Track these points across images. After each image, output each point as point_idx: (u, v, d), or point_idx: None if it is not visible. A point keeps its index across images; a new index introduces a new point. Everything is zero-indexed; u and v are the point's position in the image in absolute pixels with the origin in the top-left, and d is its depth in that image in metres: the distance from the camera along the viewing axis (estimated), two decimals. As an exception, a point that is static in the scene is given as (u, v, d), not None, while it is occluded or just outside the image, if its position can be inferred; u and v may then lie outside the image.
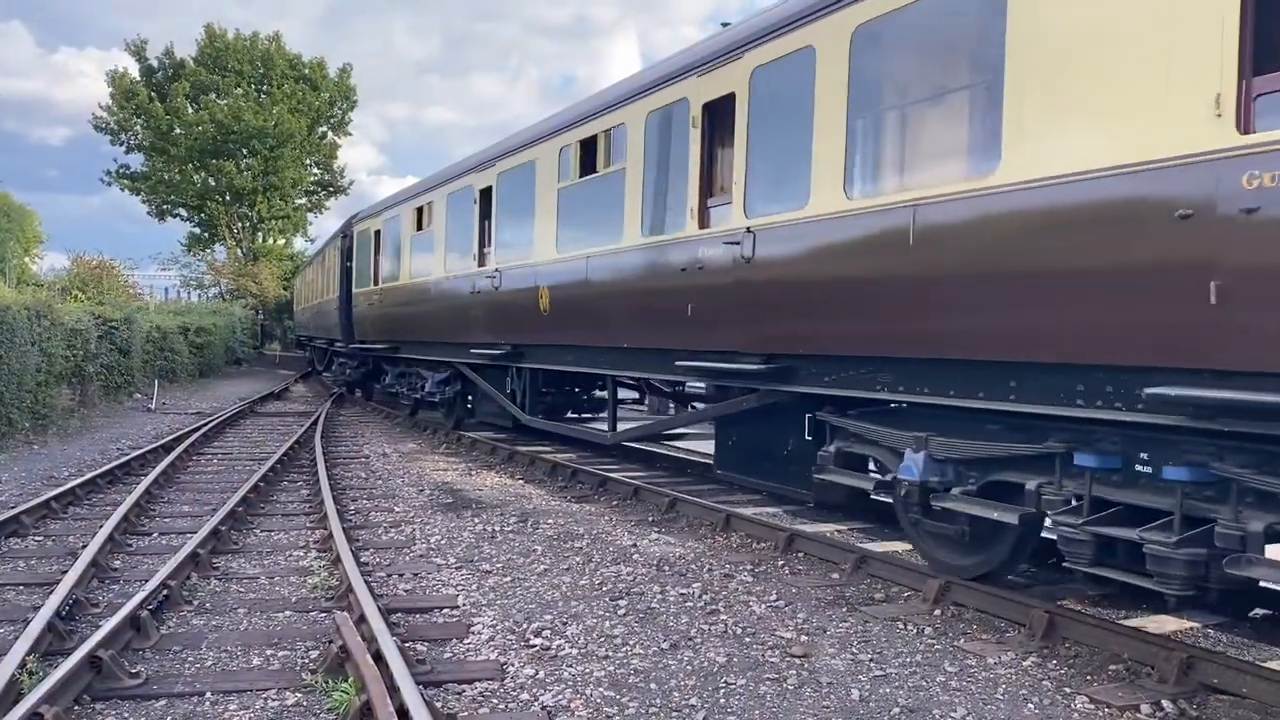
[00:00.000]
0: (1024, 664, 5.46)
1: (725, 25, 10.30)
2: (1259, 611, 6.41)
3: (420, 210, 17.72)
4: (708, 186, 9.12)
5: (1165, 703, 4.86)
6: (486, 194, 14.39)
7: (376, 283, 20.43)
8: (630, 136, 10.31)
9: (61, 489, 10.18)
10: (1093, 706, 4.86)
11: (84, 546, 7.65)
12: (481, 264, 14.42)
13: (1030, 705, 4.87)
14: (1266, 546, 4.73)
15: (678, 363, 9.31)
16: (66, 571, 6.77)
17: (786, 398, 8.16)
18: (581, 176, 11.43)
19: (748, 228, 8.11)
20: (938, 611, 6.47)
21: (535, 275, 12.29)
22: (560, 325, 11.77)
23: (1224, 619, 6.28)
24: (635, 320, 10.15)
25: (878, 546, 8.24)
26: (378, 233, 20.60)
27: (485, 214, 14.52)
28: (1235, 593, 5.83)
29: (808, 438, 8.01)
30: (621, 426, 12.05)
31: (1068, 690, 5.06)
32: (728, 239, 8.37)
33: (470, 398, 16.69)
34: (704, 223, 8.99)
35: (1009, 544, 6.53)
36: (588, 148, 11.34)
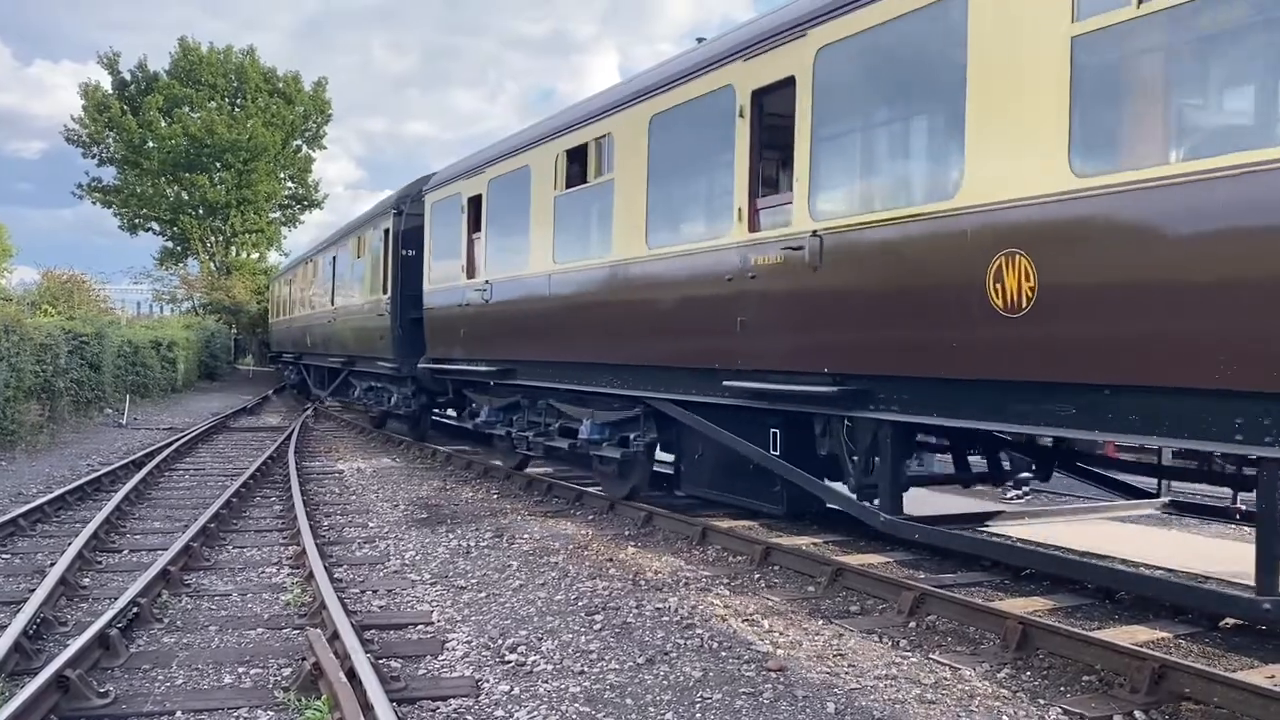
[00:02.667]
0: (998, 675, 5.49)
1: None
2: (1229, 622, 6.47)
3: (577, 154, 11.25)
4: None
5: (1138, 713, 4.89)
6: (772, 98, 8.22)
7: (472, 275, 13.79)
8: None
9: (29, 506, 10.04)
10: (1066, 717, 4.88)
11: (52, 564, 7.55)
12: (755, 228, 8.22)
13: (1004, 716, 4.89)
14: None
15: None
16: (34, 590, 6.68)
17: None
18: None
19: None
20: (913, 624, 6.49)
21: (986, 236, 6.11)
22: (1090, 332, 5.58)
23: (1195, 629, 6.34)
24: None
25: (854, 559, 8.25)
26: (476, 201, 13.82)
27: (768, 134, 8.42)
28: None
29: None
30: None
31: (1041, 701, 5.09)
32: None
33: (679, 456, 10.19)
34: None
35: None
36: None
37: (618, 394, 10.36)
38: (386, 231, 17.99)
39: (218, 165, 51.53)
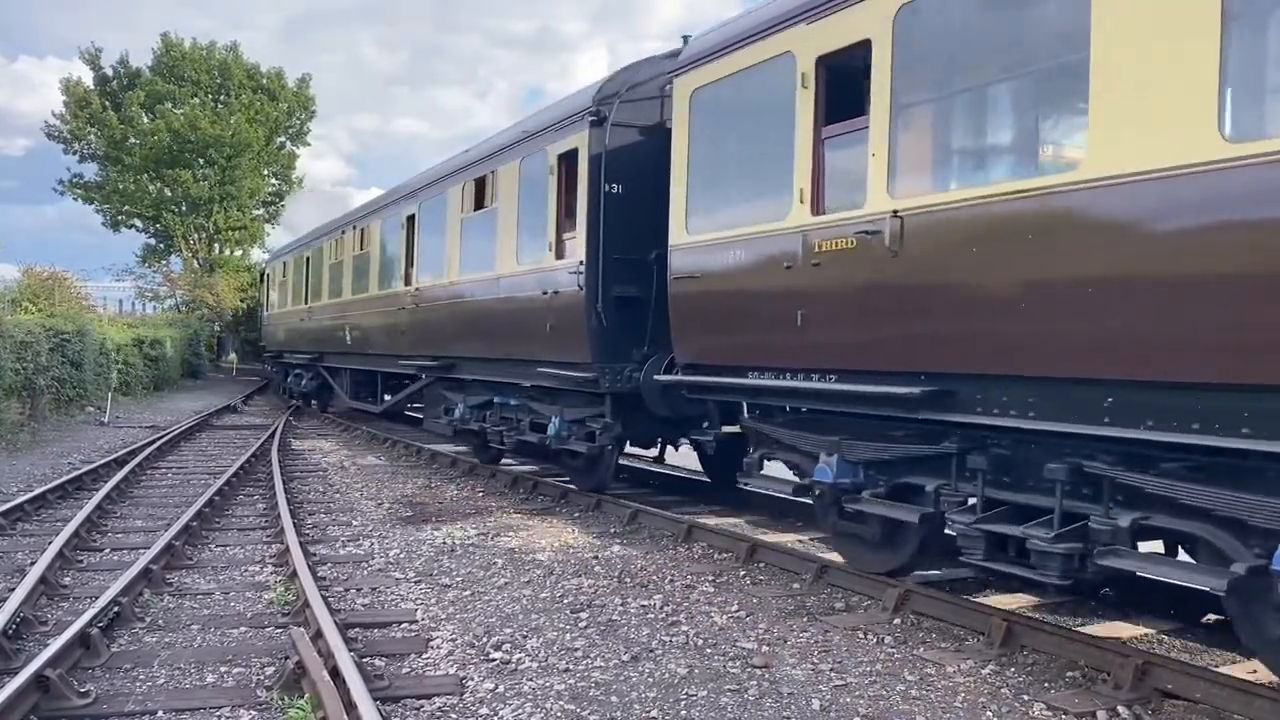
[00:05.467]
0: (983, 672, 5.50)
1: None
2: (1211, 617, 6.51)
3: None
4: None
5: (1121, 708, 4.92)
6: None
7: (822, 208, 7.27)
8: None
9: (10, 505, 9.94)
10: (1050, 713, 4.90)
11: (32, 563, 7.48)
12: None
13: (989, 713, 4.90)
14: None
15: None
16: (14, 589, 6.61)
17: None
18: None
19: None
20: (897, 620, 6.50)
21: None
22: None
23: (1177, 625, 6.38)
24: None
25: (839, 556, 8.26)
26: (851, 57, 7.06)
27: None
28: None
29: None
30: None
31: (1025, 697, 5.11)
32: None
33: None
34: None
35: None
36: None
37: None
38: (567, 157, 10.80)
39: (201, 161, 51.19)
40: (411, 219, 16.24)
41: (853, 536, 7.41)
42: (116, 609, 6.23)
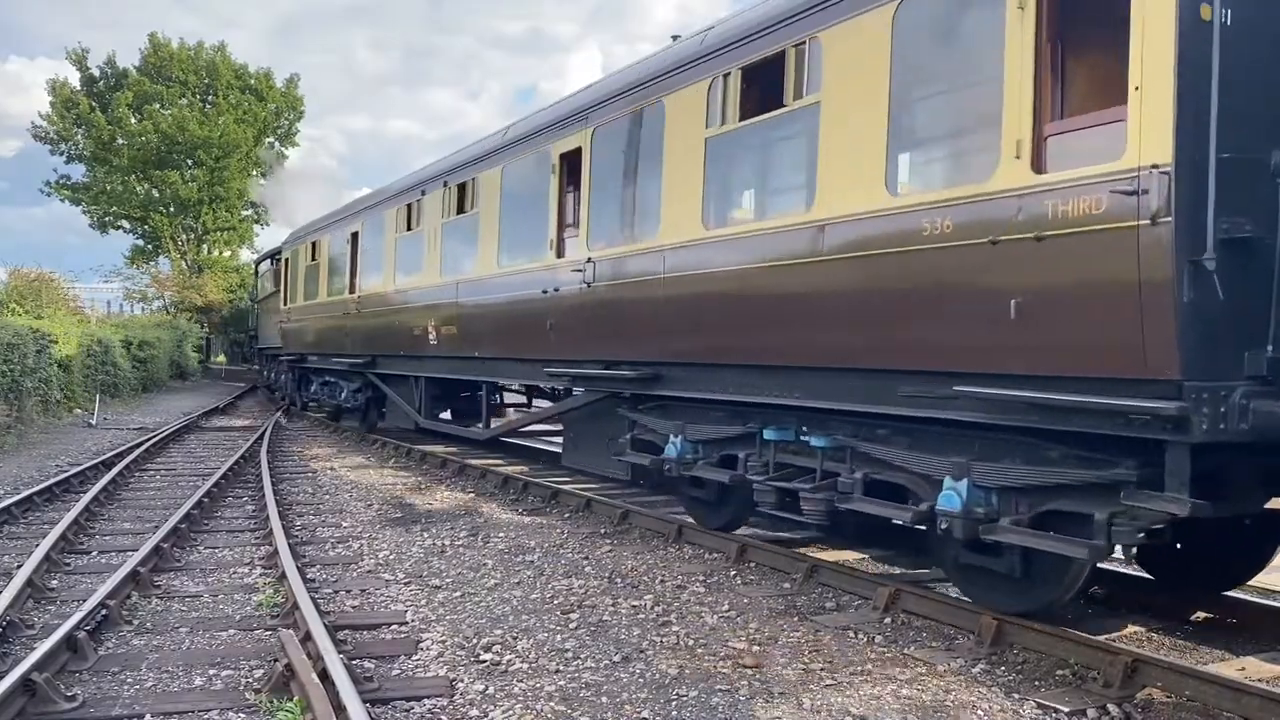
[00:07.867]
0: (973, 671, 5.51)
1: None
2: (1200, 615, 6.54)
3: None
4: None
5: (1110, 706, 4.93)
6: None
7: None
8: None
9: (-4, 507, 9.90)
10: (1040, 712, 4.91)
11: (19, 566, 7.43)
12: None
13: (979, 711, 4.91)
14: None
15: None
16: (0, 592, 6.57)
17: None
18: None
19: None
20: (888, 620, 6.51)
21: None
22: None
23: (1167, 623, 6.40)
24: None
25: (829, 556, 8.27)
26: None
27: None
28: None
29: None
30: None
31: (1016, 696, 5.11)
32: None
33: None
34: None
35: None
36: None
37: None
38: None
39: (189, 162, 51.10)
40: (570, 159, 10.66)
41: None
42: (104, 612, 6.19)
